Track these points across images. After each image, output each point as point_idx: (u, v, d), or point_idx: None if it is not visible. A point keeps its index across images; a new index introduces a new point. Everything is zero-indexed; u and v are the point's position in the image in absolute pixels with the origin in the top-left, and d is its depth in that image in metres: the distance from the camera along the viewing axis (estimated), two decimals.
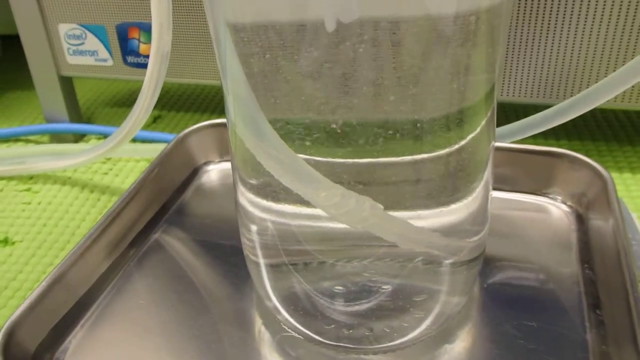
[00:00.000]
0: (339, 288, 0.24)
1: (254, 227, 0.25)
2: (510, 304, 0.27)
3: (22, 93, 0.58)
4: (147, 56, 0.43)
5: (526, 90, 0.39)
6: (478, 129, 0.22)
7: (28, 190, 0.42)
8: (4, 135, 0.47)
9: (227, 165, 0.40)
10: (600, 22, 0.35)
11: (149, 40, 0.43)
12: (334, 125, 0.21)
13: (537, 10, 0.36)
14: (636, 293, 0.24)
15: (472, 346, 0.26)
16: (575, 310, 0.26)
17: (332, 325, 0.25)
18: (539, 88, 0.38)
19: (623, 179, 0.38)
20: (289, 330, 0.26)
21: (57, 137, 0.49)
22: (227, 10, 0.21)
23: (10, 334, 0.24)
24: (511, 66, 0.38)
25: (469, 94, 0.22)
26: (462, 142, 0.22)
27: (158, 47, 0.31)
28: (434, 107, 0.21)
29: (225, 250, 0.32)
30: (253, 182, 0.24)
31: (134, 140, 0.44)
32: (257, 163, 0.22)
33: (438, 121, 0.21)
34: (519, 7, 0.36)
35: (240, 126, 0.23)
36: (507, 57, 0.38)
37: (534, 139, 0.42)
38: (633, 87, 0.36)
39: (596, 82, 0.32)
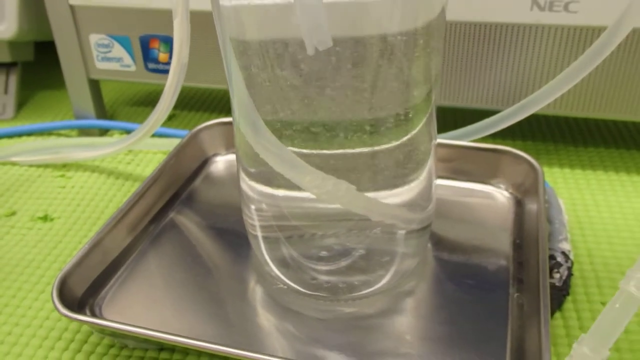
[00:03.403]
0: (320, 253, 0.29)
1: (252, 207, 0.30)
2: (454, 267, 0.32)
3: (52, 93, 0.62)
4: (166, 63, 0.48)
5: (482, 98, 0.42)
6: (419, 126, 0.27)
7: (62, 176, 0.46)
8: (42, 129, 0.52)
9: (232, 157, 0.44)
10: (540, 46, 0.39)
11: (167, 50, 0.48)
12: (314, 125, 0.25)
13: (490, 36, 0.40)
14: (544, 256, 0.29)
15: (422, 296, 0.31)
16: (504, 272, 0.32)
17: (315, 280, 0.30)
18: (492, 96, 0.42)
19: (563, 172, 0.43)
20: (280, 284, 0.31)
21: (85, 132, 0.53)
22: (231, 29, 0.24)
23: (63, 282, 0.30)
24: (470, 79, 0.42)
25: (412, 99, 0.26)
26: (408, 136, 0.26)
27: (178, 58, 0.34)
28: (387, 109, 0.25)
29: (229, 227, 0.36)
30: (252, 170, 0.28)
31: (152, 135, 0.49)
32: (255, 154, 0.25)
33: (390, 120, 0.26)
34: (474, 33, 0.40)
35: (242, 124, 0.26)
36: (467, 73, 0.41)
37: (493, 138, 0.45)
38: (562, 96, 0.40)
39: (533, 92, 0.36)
